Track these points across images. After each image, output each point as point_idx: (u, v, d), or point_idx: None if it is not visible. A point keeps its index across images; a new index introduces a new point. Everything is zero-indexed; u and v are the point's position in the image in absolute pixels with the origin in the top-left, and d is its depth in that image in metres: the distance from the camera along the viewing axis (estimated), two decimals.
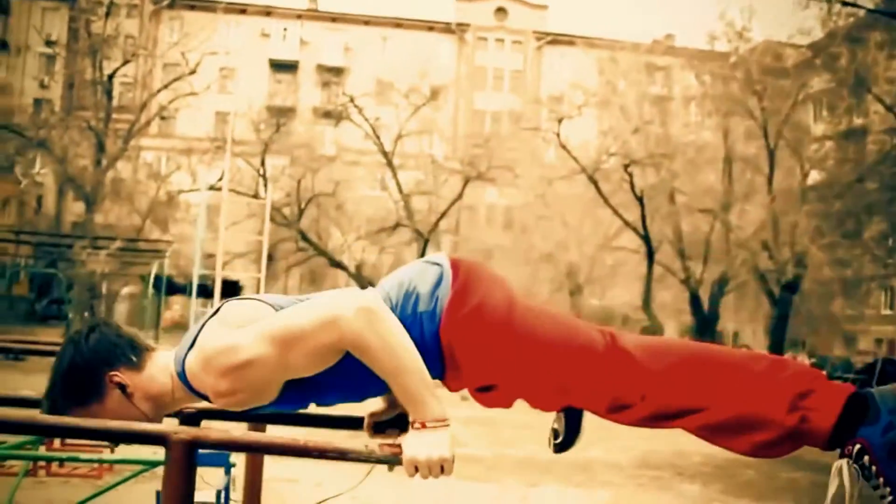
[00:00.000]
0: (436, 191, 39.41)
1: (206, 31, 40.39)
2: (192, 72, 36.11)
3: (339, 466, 2.00)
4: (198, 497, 7.53)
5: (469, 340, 2.24)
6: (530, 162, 38.28)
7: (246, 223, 32.54)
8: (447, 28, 64.28)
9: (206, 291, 27.90)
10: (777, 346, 26.01)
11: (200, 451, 6.29)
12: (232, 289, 30.97)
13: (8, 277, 39.72)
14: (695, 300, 28.32)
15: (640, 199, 29.89)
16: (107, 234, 33.22)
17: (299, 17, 62.84)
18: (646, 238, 24.69)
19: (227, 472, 6.09)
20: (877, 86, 25.64)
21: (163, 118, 42.58)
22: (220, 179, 29.39)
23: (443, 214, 38.38)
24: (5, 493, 7.42)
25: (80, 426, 2.00)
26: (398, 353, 2.06)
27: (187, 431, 1.95)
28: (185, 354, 2.19)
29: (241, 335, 2.10)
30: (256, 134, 36.39)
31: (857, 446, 2.17)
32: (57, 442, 8.89)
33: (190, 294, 28.85)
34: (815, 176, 29.90)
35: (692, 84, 29.67)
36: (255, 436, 1.96)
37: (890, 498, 2.11)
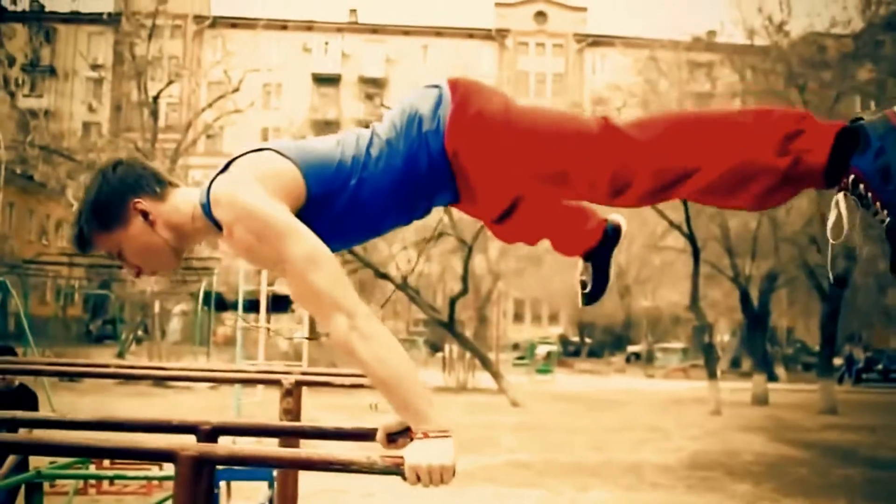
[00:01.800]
0: None
1: (248, 49, 40.82)
2: (236, 89, 36.37)
3: (385, 476, 2.05)
4: None
5: (473, 144, 2.34)
6: None
7: None
8: (487, 34, 64.32)
9: (257, 307, 28.09)
10: (830, 340, 25.61)
11: (242, 467, 6.33)
12: (284, 303, 31.14)
13: (63, 299, 40.44)
14: (745, 297, 27.98)
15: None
16: None
17: (340, 30, 63.27)
18: (690, 237, 24.36)
19: (271, 487, 6.19)
20: None
21: (209, 136, 43.06)
22: None
23: None
24: None
25: (89, 445, 2.05)
26: (390, 363, 2.10)
27: (195, 448, 1.97)
28: (211, 183, 2.31)
29: (289, 226, 2.17)
30: None
31: (852, 176, 2.21)
32: (106, 461, 9.07)
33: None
34: None
35: (734, 80, 29.25)
36: (263, 450, 1.99)
37: (888, 220, 2.14)
